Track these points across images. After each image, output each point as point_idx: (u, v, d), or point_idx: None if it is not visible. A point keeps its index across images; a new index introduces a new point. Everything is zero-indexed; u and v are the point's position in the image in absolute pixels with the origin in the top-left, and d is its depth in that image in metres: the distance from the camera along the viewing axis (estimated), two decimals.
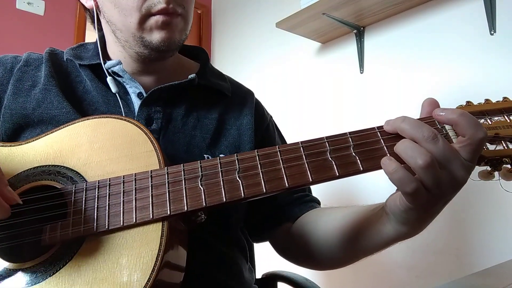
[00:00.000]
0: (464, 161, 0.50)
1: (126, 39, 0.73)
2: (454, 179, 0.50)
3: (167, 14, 0.69)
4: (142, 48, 0.72)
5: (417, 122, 0.52)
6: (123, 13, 0.70)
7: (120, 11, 0.70)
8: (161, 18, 0.69)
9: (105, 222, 0.53)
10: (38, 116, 0.70)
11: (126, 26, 0.70)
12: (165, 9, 0.68)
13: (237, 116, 0.81)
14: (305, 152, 0.55)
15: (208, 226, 0.62)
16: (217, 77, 0.86)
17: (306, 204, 0.82)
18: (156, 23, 0.69)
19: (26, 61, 0.77)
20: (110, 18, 0.73)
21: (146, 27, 0.70)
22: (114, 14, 0.71)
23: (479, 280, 0.62)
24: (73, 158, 0.60)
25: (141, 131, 0.61)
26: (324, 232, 0.72)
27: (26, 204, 0.54)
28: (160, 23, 0.69)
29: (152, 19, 0.69)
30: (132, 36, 0.71)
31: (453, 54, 1.46)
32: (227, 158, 0.57)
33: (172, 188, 0.54)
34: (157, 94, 0.74)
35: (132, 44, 0.72)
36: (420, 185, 0.49)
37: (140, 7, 0.68)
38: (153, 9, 0.68)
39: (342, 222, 0.69)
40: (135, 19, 0.69)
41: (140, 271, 0.50)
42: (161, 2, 0.68)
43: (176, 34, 0.71)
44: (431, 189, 0.50)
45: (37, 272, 0.52)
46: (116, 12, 0.70)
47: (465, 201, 1.36)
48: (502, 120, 0.56)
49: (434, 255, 1.40)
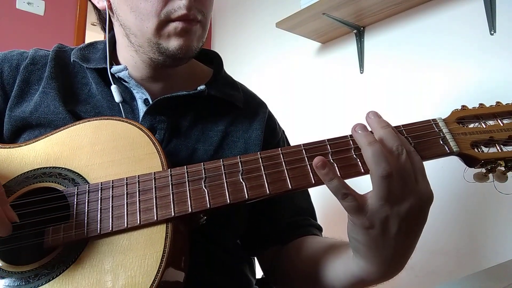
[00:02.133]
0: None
1: (140, 44, 0.69)
2: (410, 209, 0.51)
3: (187, 21, 0.66)
4: (157, 55, 0.69)
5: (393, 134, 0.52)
6: (140, 17, 0.66)
7: (137, 15, 0.66)
8: (180, 25, 0.65)
9: (109, 224, 0.53)
10: (36, 119, 0.69)
11: (142, 31, 0.67)
12: (186, 16, 0.65)
13: (246, 129, 0.78)
14: (307, 154, 0.56)
15: (209, 227, 0.62)
16: (229, 86, 0.82)
17: (301, 229, 0.79)
18: (175, 29, 0.66)
19: (33, 59, 0.75)
20: (125, 22, 0.69)
21: (163, 34, 0.66)
22: (130, 18, 0.67)
23: (479, 280, 0.63)
24: (74, 160, 0.59)
25: (143, 133, 0.60)
26: (302, 264, 0.71)
27: (27, 206, 0.54)
28: (179, 30, 0.66)
29: (171, 26, 0.66)
30: (148, 42, 0.68)
31: (453, 54, 1.46)
32: (230, 160, 0.57)
33: (176, 190, 0.55)
34: (163, 103, 0.71)
35: (146, 50, 0.69)
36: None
37: (159, 12, 0.65)
38: (173, 15, 0.65)
39: (316, 255, 0.68)
40: (152, 24, 0.65)
41: (145, 272, 0.50)
42: (182, 8, 0.64)
43: (193, 42, 0.68)
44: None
45: (40, 274, 0.51)
46: (132, 16, 0.67)
47: (465, 201, 1.36)
48: (496, 124, 0.58)
49: (434, 255, 1.40)
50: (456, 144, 0.55)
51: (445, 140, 0.56)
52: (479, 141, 0.56)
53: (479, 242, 1.32)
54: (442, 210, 1.41)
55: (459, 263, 1.34)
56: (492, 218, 1.30)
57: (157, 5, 0.64)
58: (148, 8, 0.65)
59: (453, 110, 0.60)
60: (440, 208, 1.41)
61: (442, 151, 0.55)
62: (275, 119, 0.88)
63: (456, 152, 0.55)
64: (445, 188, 1.39)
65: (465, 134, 0.57)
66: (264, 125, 0.80)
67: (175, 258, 0.53)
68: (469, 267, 1.31)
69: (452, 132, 0.57)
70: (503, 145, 0.56)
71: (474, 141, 0.56)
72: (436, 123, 0.58)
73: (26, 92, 0.72)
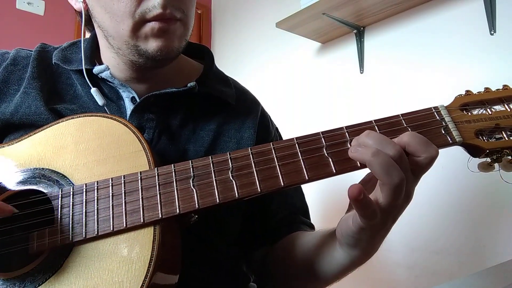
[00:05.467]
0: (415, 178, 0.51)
1: (119, 47, 0.66)
2: (406, 197, 0.50)
3: (164, 20, 0.61)
4: (137, 57, 0.65)
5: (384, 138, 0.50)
6: (115, 19, 0.62)
7: (112, 16, 0.62)
8: (157, 25, 0.61)
9: (94, 228, 0.51)
10: (18, 120, 0.66)
11: (119, 33, 0.63)
12: (161, 15, 0.60)
13: (238, 128, 0.75)
14: (300, 148, 0.53)
15: (203, 225, 0.60)
16: (221, 82, 0.79)
17: (290, 227, 0.77)
18: (152, 30, 0.61)
19: (14, 60, 0.72)
20: (102, 24, 0.66)
21: (140, 35, 0.62)
22: (106, 19, 0.64)
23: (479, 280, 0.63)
24: (58, 160, 0.57)
25: (129, 130, 0.58)
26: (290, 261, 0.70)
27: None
28: (156, 30, 0.61)
29: (147, 26, 0.61)
30: (126, 44, 0.64)
31: (453, 54, 1.45)
32: (219, 157, 0.55)
33: (163, 190, 0.53)
34: (152, 101, 0.68)
35: (126, 52, 0.65)
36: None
37: (133, 13, 0.60)
38: (148, 15, 0.60)
39: (304, 248, 0.67)
40: (127, 26, 0.61)
41: (132, 277, 0.48)
42: (157, 7, 0.60)
43: (174, 42, 0.64)
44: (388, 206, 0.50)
45: (26, 281, 0.50)
46: (108, 17, 0.63)
47: (465, 201, 1.35)
48: (503, 109, 0.54)
49: (434, 255, 1.40)
50: (459, 134, 0.52)
51: (447, 130, 0.52)
52: (484, 129, 0.52)
53: (479, 242, 1.31)
54: (443, 210, 1.40)
55: (459, 263, 1.34)
56: (492, 218, 1.29)
57: (130, 5, 0.60)
58: (122, 8, 0.61)
59: (456, 96, 0.56)
60: (440, 209, 1.41)
61: (444, 141, 0.52)
62: (269, 116, 0.85)
63: (459, 142, 0.52)
64: (445, 188, 1.38)
65: (469, 122, 0.53)
66: (257, 123, 0.77)
67: (164, 261, 0.51)
68: (469, 267, 1.31)
69: (455, 120, 0.53)
70: (510, 132, 0.52)
71: (478, 130, 0.52)
72: (438, 111, 0.54)
73: (4, 92, 0.70)
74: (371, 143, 0.49)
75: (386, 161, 0.47)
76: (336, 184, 1.59)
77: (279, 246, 0.75)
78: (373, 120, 0.55)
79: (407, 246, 1.46)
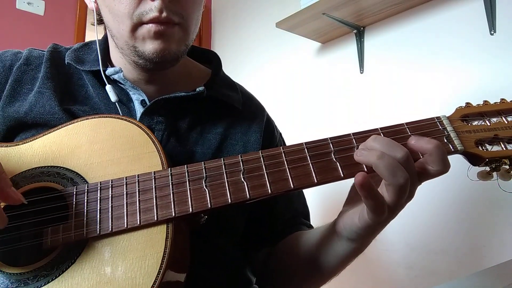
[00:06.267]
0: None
1: (121, 47, 0.68)
2: (409, 196, 0.53)
3: (160, 24, 0.62)
4: (137, 58, 0.66)
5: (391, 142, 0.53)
6: (116, 19, 0.64)
7: (114, 17, 0.64)
8: (153, 28, 0.62)
9: (108, 225, 0.52)
10: (32, 119, 0.67)
11: (120, 33, 0.65)
12: (157, 18, 0.62)
13: (245, 132, 0.76)
14: (309, 153, 0.55)
15: (210, 226, 0.61)
16: (228, 87, 0.80)
17: (291, 228, 0.79)
18: (148, 32, 0.63)
19: (27, 59, 0.74)
20: (107, 24, 0.68)
21: (138, 36, 0.64)
22: (110, 19, 0.66)
23: (479, 280, 0.63)
24: (73, 159, 0.58)
25: (143, 132, 0.60)
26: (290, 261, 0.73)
27: (26, 206, 0.53)
28: (152, 33, 0.63)
29: (144, 28, 0.63)
30: (126, 45, 0.66)
31: (453, 54, 1.46)
32: (231, 159, 0.56)
33: (176, 190, 0.54)
34: (161, 104, 0.69)
35: (127, 52, 0.67)
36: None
37: (131, 14, 0.62)
38: (144, 18, 0.62)
39: (306, 244, 0.70)
40: (127, 27, 0.63)
41: (145, 273, 0.49)
42: (154, 10, 0.61)
43: (172, 45, 0.65)
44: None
45: (39, 276, 0.51)
46: (111, 17, 0.65)
47: (465, 201, 1.36)
48: (501, 121, 0.57)
49: (434, 255, 1.40)
50: (460, 143, 0.55)
51: (449, 139, 0.55)
52: (483, 139, 0.56)
53: (479, 242, 1.32)
54: (442, 210, 1.41)
55: (459, 263, 1.34)
56: (492, 218, 1.30)
57: (129, 7, 0.62)
58: (121, 9, 0.63)
59: (457, 108, 0.59)
60: (440, 208, 1.41)
61: (446, 149, 0.55)
62: (273, 123, 0.87)
63: (461, 150, 0.55)
64: (445, 188, 1.39)
65: (469, 132, 0.56)
66: (263, 128, 0.79)
67: (176, 259, 0.52)
68: (469, 267, 1.31)
69: (456, 130, 0.56)
70: (508, 143, 0.56)
71: (478, 139, 0.56)
72: (440, 121, 0.57)
73: (18, 92, 0.70)
74: (378, 147, 0.52)
75: (391, 162, 0.50)
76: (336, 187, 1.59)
77: (281, 245, 0.77)
78: (379, 128, 0.57)
79: (407, 246, 1.46)
